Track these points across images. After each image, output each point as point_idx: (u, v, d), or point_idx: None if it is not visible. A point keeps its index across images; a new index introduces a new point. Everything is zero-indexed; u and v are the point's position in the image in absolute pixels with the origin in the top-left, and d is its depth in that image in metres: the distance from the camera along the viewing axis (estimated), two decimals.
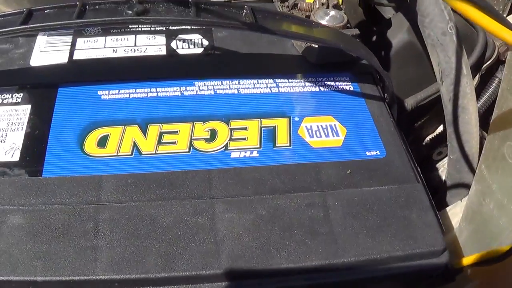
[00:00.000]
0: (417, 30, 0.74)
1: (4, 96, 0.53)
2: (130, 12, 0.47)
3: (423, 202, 0.46)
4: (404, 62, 0.80)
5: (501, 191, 0.45)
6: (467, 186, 0.67)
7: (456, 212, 0.61)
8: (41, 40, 0.61)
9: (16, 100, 0.53)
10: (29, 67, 0.57)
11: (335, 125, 0.52)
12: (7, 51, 0.60)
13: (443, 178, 0.74)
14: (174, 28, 0.61)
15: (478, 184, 0.49)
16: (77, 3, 0.49)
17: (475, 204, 0.51)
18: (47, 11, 0.50)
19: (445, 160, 0.87)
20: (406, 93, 0.83)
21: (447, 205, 0.67)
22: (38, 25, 0.47)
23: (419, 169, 0.51)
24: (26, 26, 0.47)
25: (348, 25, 0.61)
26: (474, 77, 0.75)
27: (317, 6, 0.61)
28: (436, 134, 0.90)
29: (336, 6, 0.61)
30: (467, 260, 0.49)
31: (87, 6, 0.49)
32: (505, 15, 0.86)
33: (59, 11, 0.50)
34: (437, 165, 0.91)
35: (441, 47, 0.62)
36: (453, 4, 0.38)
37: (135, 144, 0.48)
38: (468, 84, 0.62)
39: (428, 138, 0.90)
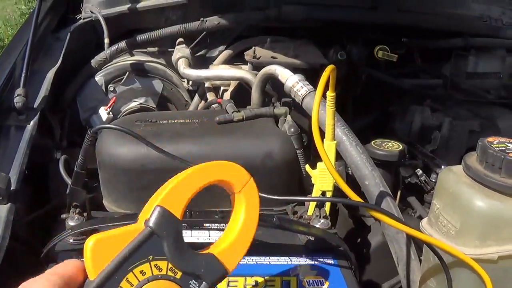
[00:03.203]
0: None
1: None
2: (218, 217, 0.93)
3: None
4: (380, 257, 1.20)
5: None
6: None
7: None
8: None
9: None
10: None
11: (322, 280, 0.94)
12: None
13: None
14: None
15: None
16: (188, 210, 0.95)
17: None
18: None
19: None
20: (383, 279, 1.24)
21: None
22: None
23: None
24: None
25: (332, 228, 1.06)
26: None
27: (313, 217, 1.07)
28: None
29: (325, 217, 1.07)
30: None
31: (192, 213, 0.95)
32: None
33: None
34: None
35: (396, 241, 1.05)
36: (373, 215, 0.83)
37: None
38: (416, 264, 1.02)
39: None
